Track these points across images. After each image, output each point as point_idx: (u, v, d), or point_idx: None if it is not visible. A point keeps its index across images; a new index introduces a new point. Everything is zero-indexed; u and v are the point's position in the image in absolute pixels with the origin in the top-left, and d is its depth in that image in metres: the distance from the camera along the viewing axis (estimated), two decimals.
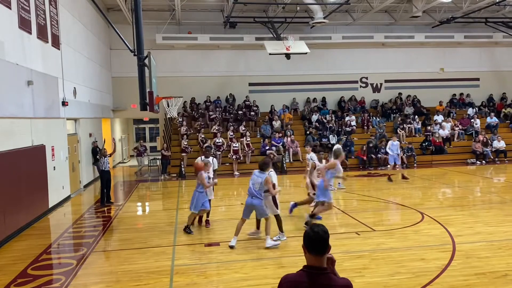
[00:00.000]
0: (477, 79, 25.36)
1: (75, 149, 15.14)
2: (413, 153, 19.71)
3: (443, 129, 21.26)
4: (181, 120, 21.06)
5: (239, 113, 21.93)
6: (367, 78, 24.71)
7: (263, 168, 7.92)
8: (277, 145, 19.49)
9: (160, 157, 19.42)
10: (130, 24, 19.13)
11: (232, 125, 20.55)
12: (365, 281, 6.12)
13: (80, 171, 15.63)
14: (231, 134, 19.73)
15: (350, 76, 24.35)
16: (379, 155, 19.09)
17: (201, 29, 22.39)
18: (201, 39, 21.90)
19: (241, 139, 19.49)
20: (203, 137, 19.69)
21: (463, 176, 16.67)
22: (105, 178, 12.52)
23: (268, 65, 23.01)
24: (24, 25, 10.54)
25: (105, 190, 12.60)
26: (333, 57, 23.98)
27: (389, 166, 15.88)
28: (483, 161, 19.85)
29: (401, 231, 8.67)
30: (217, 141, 19.13)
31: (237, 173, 18.41)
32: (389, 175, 15.41)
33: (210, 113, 21.82)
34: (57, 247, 8.69)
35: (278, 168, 17.48)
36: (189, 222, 9.05)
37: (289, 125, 21.25)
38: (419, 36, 23.43)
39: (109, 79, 21.97)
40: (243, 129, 20.48)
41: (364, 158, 19.12)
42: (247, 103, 22.58)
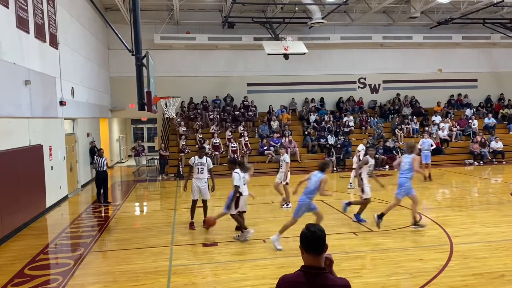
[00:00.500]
0: (475, 80, 25.43)
1: (72, 149, 15.10)
2: None
3: (442, 130, 21.29)
4: (179, 120, 21.04)
5: (237, 113, 21.93)
6: (365, 78, 24.74)
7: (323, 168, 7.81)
8: (275, 145, 19.48)
9: (158, 157, 19.42)
10: (128, 23, 19.02)
11: (230, 125, 20.52)
12: (363, 282, 6.13)
13: (77, 171, 15.59)
14: (230, 134, 19.72)
15: (348, 76, 24.37)
16: (377, 156, 19.08)
17: (200, 29, 22.37)
18: (199, 39, 21.88)
19: (239, 139, 19.49)
20: (201, 137, 19.67)
21: (460, 176, 16.69)
22: (101, 177, 12.57)
23: (266, 65, 23.02)
24: (21, 24, 10.51)
25: (102, 189, 12.64)
26: (331, 57, 23.99)
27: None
28: (481, 162, 19.88)
29: (399, 232, 8.68)
30: (214, 141, 19.12)
31: None
32: (425, 175, 14.51)
33: (209, 113, 21.81)
34: (54, 247, 8.68)
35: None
36: (240, 224, 8.55)
37: (287, 126, 21.24)
38: (417, 36, 23.46)
39: (107, 79, 21.93)
40: (242, 129, 20.48)
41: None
42: (245, 103, 22.58)
